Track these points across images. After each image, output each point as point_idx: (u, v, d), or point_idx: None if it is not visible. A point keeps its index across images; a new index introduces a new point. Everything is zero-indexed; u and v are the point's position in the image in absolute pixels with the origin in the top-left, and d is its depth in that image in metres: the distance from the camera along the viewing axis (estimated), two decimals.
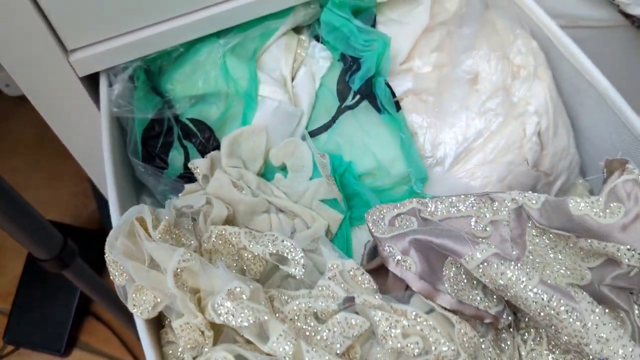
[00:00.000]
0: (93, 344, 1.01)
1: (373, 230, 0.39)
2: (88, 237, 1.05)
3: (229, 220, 0.45)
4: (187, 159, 0.52)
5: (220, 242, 0.41)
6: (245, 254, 0.41)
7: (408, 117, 0.49)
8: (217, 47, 0.52)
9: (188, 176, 0.51)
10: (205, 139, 0.51)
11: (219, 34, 0.54)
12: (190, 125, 0.52)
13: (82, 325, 1.02)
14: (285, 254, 0.39)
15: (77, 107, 0.52)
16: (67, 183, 1.22)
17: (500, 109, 0.48)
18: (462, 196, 0.39)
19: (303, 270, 0.38)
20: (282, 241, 0.40)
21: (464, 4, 0.58)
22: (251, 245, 0.40)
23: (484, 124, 0.48)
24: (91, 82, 0.52)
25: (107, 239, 0.37)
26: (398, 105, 0.50)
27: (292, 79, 0.55)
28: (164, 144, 0.52)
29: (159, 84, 0.54)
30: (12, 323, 0.98)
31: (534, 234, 0.38)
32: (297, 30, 0.58)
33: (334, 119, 0.52)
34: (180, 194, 0.49)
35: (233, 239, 0.41)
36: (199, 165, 0.49)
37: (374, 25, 0.57)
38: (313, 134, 0.52)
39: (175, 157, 0.52)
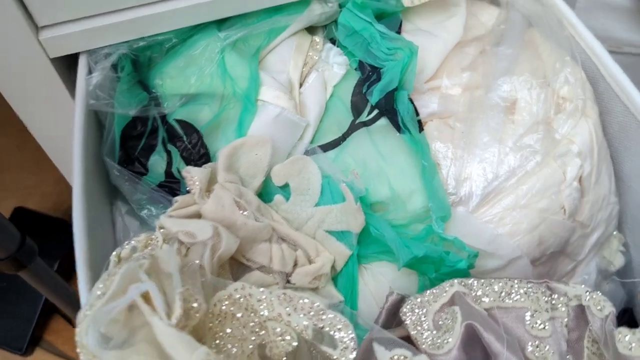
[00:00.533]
0: (57, 344, 0.94)
1: (418, 342, 0.31)
2: (62, 229, 0.98)
3: None
4: (169, 165, 0.45)
5: (242, 310, 0.31)
6: (272, 326, 0.31)
7: (431, 145, 0.42)
8: (216, 40, 0.45)
9: (169, 185, 0.44)
10: (192, 145, 0.44)
11: (220, 27, 0.47)
12: (177, 127, 0.45)
13: (48, 324, 0.95)
14: (331, 332, 0.30)
15: (48, 93, 0.45)
16: (54, 168, 1.15)
17: (539, 146, 0.41)
18: (516, 281, 0.32)
19: (353, 356, 0.29)
20: (329, 315, 0.30)
21: (502, 20, 0.51)
22: (290, 316, 0.31)
23: (519, 161, 0.41)
24: (68, 67, 0.45)
25: (80, 324, 0.28)
26: (421, 127, 0.43)
27: (300, 85, 0.48)
28: (146, 146, 0.45)
29: (147, 77, 0.47)
30: None
31: (594, 339, 0.31)
32: (310, 30, 0.52)
33: (344, 136, 0.45)
34: (170, 209, 0.39)
35: (260, 306, 0.31)
36: (197, 175, 0.39)
37: (399, 33, 0.50)
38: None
39: (157, 162, 0.45)
